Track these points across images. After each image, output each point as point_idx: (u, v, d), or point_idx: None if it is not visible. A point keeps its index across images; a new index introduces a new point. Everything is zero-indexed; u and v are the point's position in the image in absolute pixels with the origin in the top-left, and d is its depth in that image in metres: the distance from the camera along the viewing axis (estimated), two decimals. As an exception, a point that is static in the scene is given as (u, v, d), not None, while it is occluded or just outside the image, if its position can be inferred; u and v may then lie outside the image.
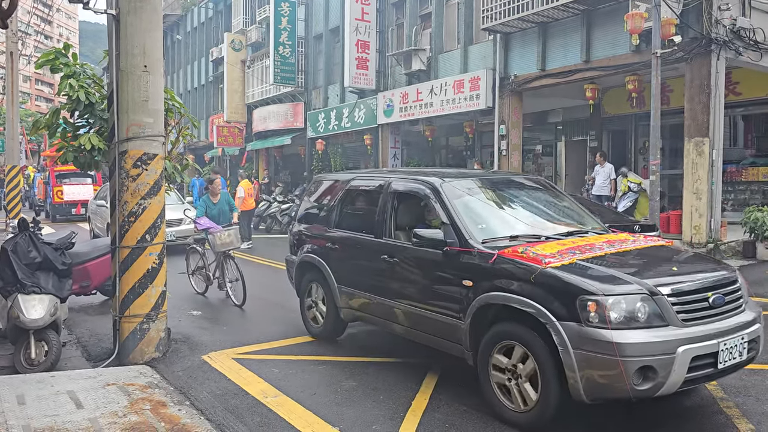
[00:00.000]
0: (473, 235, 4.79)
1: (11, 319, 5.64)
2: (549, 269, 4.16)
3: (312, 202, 7.13)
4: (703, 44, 11.22)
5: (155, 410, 4.55)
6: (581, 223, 5.50)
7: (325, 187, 6.97)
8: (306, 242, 6.82)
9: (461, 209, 5.06)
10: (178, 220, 13.34)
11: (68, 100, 6.49)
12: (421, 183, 5.54)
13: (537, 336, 4.13)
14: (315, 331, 6.66)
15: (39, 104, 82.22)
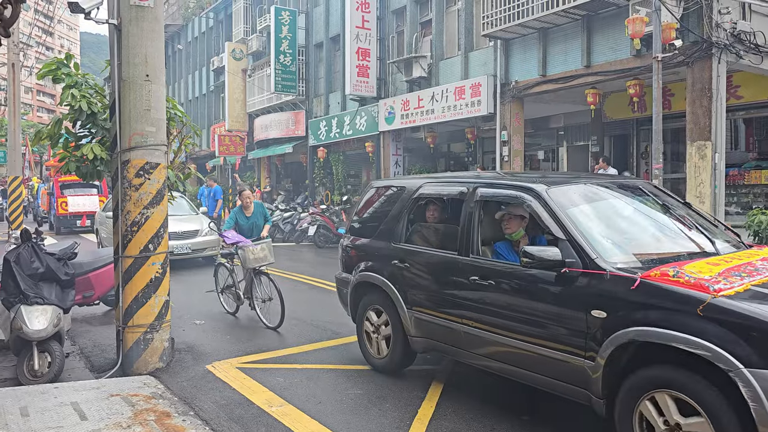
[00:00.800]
0: (601, 254, 3.92)
1: (14, 331, 5.61)
2: (722, 299, 3.30)
3: (368, 211, 6.24)
4: (703, 48, 11.22)
5: (160, 421, 4.51)
6: (712, 234, 4.59)
7: (385, 195, 6.09)
8: (363, 258, 5.93)
9: (580, 221, 4.18)
10: (194, 231, 12.81)
11: (70, 110, 6.49)
12: (518, 189, 4.60)
13: (710, 385, 3.26)
14: (377, 363, 5.72)
15: (41, 115, 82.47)
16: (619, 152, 16.35)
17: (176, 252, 12.26)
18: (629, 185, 5.05)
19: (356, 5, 19.26)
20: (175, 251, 12.15)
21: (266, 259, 7.78)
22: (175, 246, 12.22)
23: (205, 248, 12.82)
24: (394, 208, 5.76)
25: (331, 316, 8.18)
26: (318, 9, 23.36)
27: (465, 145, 19.60)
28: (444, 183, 5.52)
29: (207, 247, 12.83)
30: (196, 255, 12.70)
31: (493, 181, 5.00)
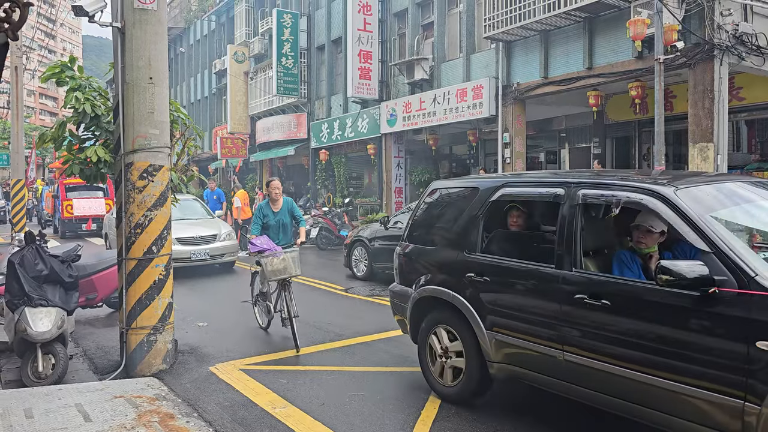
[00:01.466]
0: (761, 270, 3.22)
1: (18, 333, 5.63)
2: None
3: (429, 216, 5.47)
4: (705, 50, 11.23)
5: (163, 422, 4.53)
6: None
7: (452, 197, 5.33)
8: (427, 270, 5.21)
9: (725, 229, 3.50)
10: (212, 236, 12.19)
11: (74, 112, 6.52)
12: (636, 191, 3.83)
13: None
14: (445, 391, 4.96)
15: (43, 118, 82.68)
16: (621, 154, 16.36)
17: (194, 258, 11.72)
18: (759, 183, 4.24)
19: (358, 8, 19.30)
20: (192, 257, 11.68)
21: (286, 271, 6.63)
22: (193, 252, 11.73)
23: (224, 254, 12.24)
24: (465, 212, 4.95)
25: (333, 318, 8.21)
26: (320, 11, 23.41)
27: (467, 147, 19.61)
28: (532, 184, 4.83)
29: (226, 252, 12.26)
30: (215, 261, 12.12)
31: (598, 181, 4.24)
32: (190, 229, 12.08)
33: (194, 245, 11.83)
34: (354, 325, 7.80)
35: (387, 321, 8.03)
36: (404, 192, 20.11)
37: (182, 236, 11.67)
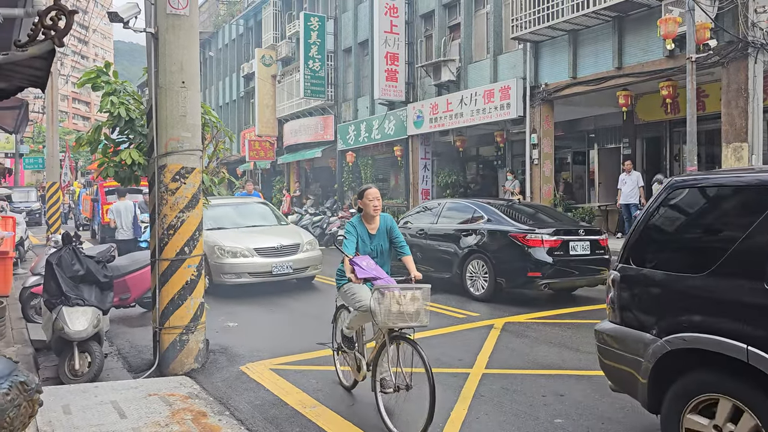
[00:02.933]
0: None
1: (56, 331, 5.77)
2: None
3: (686, 225, 3.87)
4: (739, 48, 11.03)
5: (196, 420, 4.60)
6: None
7: (723, 201, 3.66)
8: (685, 308, 3.49)
9: None
10: (293, 246, 10.45)
11: (109, 116, 6.66)
12: None
13: None
14: None
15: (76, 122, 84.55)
16: (652, 155, 16.12)
17: (275, 273, 10.05)
18: None
19: (384, 10, 19.36)
20: (273, 271, 10.03)
21: (416, 318, 4.43)
22: (274, 265, 10.05)
23: (308, 266, 10.51)
24: (757, 223, 3.21)
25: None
26: (347, 14, 23.54)
27: (494, 148, 19.53)
28: None
29: (309, 265, 10.55)
30: (298, 275, 10.40)
31: None
32: (267, 237, 10.57)
33: (275, 257, 10.15)
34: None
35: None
36: (431, 193, 20.10)
37: (261, 246, 10.16)
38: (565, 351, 6.47)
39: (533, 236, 8.68)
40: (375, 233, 5.15)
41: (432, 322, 7.91)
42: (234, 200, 12.70)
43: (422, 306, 4.45)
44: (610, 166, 17.00)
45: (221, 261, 9.88)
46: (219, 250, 9.92)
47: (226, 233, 10.57)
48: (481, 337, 7.00)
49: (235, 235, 10.52)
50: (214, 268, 9.89)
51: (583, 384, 5.38)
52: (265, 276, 10.05)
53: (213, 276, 9.87)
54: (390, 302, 4.37)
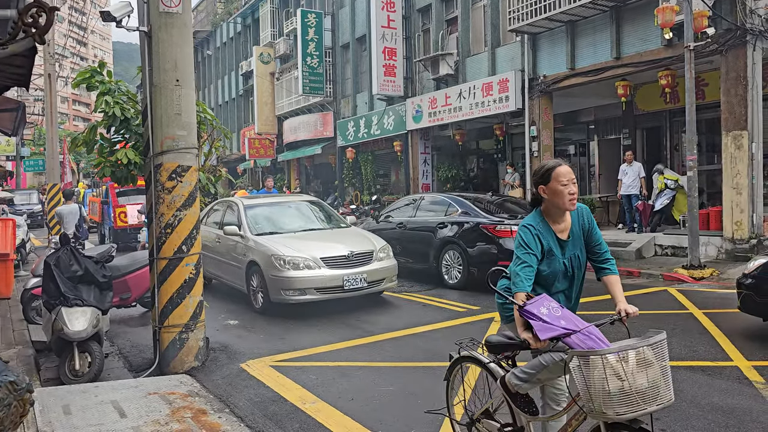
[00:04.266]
0: None
1: (55, 332, 5.78)
2: None
3: None
4: (737, 35, 10.96)
5: (196, 418, 4.61)
6: None
7: None
8: None
9: None
10: (367, 254, 8.57)
11: (104, 116, 6.66)
12: None
13: None
14: None
15: (77, 124, 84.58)
16: (652, 145, 16.06)
17: (347, 287, 8.17)
18: None
19: (381, 5, 19.30)
20: (346, 286, 8.16)
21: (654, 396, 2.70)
22: (346, 278, 8.17)
23: (383, 278, 8.62)
24: None
25: (362, 314, 8.23)
26: (344, 10, 23.48)
27: (494, 141, 19.47)
28: None
29: (385, 276, 8.66)
30: (373, 289, 8.54)
31: None
32: (332, 244, 8.76)
33: (346, 267, 8.28)
34: (382, 321, 7.83)
35: (415, 317, 8.04)
36: (431, 188, 20.07)
37: (328, 255, 8.30)
38: (566, 342, 6.45)
39: (502, 227, 9.42)
40: (567, 239, 3.24)
41: (432, 316, 7.98)
42: (275, 198, 11.14)
43: (660, 373, 2.75)
44: (611, 157, 16.94)
45: (281, 274, 8.05)
46: (278, 261, 8.13)
47: (282, 239, 8.73)
48: (482, 330, 6.99)
49: (293, 241, 8.68)
50: (272, 282, 8.17)
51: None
52: (335, 292, 8.16)
53: (270, 292, 8.24)
54: (605, 376, 2.61)
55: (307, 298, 8.11)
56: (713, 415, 4.38)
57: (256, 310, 8.57)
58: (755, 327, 6.56)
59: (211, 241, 9.90)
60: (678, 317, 7.45)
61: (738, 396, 4.74)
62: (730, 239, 11.23)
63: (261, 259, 8.38)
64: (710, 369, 5.42)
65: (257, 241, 8.72)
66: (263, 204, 10.05)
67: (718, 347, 6.09)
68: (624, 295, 3.13)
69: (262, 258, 8.37)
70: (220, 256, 9.68)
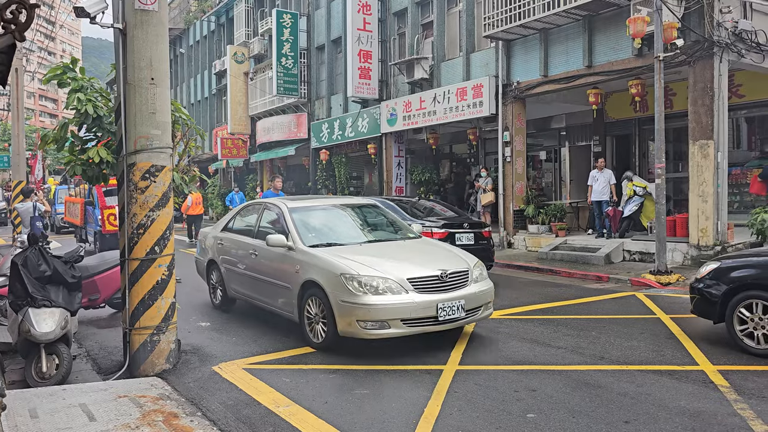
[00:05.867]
0: None
1: (22, 333, 5.65)
2: None
3: None
4: (705, 47, 11.25)
5: (167, 422, 4.55)
6: None
7: None
8: None
9: None
10: (462, 273, 6.61)
11: (76, 113, 6.53)
12: None
13: None
14: None
15: (43, 120, 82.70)
16: (622, 152, 16.38)
17: (442, 318, 6.22)
18: None
19: (357, 7, 19.32)
20: (440, 316, 6.19)
21: None
22: (441, 305, 6.21)
23: (481, 306, 6.70)
24: None
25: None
26: (319, 11, 23.43)
27: (467, 146, 19.64)
28: None
29: (483, 303, 6.74)
30: (471, 319, 6.59)
31: None
32: (418, 261, 6.78)
33: (440, 291, 6.34)
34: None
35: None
36: (405, 191, 20.14)
37: (416, 276, 6.34)
38: (537, 346, 6.55)
39: (423, 229, 9.43)
40: None
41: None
42: (325, 200, 8.84)
43: None
44: (581, 163, 17.23)
45: (356, 300, 6.07)
46: (350, 282, 6.15)
47: (348, 253, 6.74)
48: (453, 333, 7.04)
49: (364, 256, 6.69)
50: (342, 310, 6.17)
51: (555, 379, 5.44)
52: (426, 323, 6.20)
53: (339, 323, 6.21)
54: None
55: (390, 333, 6.07)
56: (680, 418, 4.49)
57: (314, 345, 6.60)
58: (720, 331, 6.73)
59: (240, 252, 8.17)
60: (646, 322, 7.60)
61: (704, 400, 4.87)
62: (696, 246, 11.50)
63: (324, 278, 6.38)
64: (677, 373, 5.55)
65: (316, 255, 6.70)
66: (312, 208, 8.04)
67: (685, 351, 6.24)
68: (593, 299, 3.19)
69: (325, 278, 6.38)
70: (257, 273, 7.68)
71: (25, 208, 12.92)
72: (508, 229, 15.57)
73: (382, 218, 8.46)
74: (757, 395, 4.92)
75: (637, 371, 5.65)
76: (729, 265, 6.43)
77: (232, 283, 8.36)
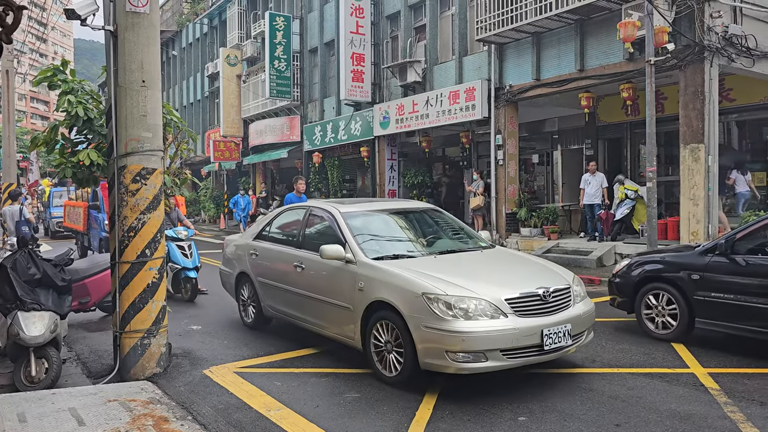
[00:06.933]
0: None
1: (11, 337, 5.60)
2: None
3: None
4: (696, 51, 11.32)
5: (158, 426, 4.52)
6: None
7: None
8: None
9: None
10: (563, 291, 5.57)
11: (67, 116, 6.51)
12: None
13: None
14: None
15: (34, 122, 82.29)
16: (613, 155, 16.44)
17: (548, 346, 5.18)
18: None
19: (350, 10, 19.33)
20: (546, 344, 5.16)
21: None
22: (547, 330, 5.18)
23: (584, 330, 5.66)
24: None
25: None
26: (312, 14, 23.43)
27: (460, 149, 19.66)
28: None
29: (587, 327, 5.71)
30: (575, 345, 5.52)
31: None
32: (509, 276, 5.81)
33: (544, 313, 5.31)
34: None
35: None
36: (397, 194, 20.15)
37: (514, 295, 5.27)
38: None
39: None
40: None
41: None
42: (380, 204, 7.55)
43: None
44: (573, 167, 17.28)
45: (446, 326, 4.97)
46: (437, 303, 5.07)
47: (425, 267, 5.67)
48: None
49: (446, 272, 5.57)
50: (428, 338, 5.07)
51: (547, 382, 5.45)
52: (530, 354, 5.15)
53: (422, 352, 5.12)
54: None
55: (486, 366, 5.01)
56: (671, 422, 4.50)
57: (386, 379, 5.47)
58: (709, 335, 6.76)
59: (280, 264, 7.11)
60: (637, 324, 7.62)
61: (695, 403, 4.88)
62: (687, 249, 11.56)
63: (400, 299, 5.29)
64: (668, 376, 5.56)
65: (386, 270, 5.64)
66: (368, 213, 6.92)
67: (675, 354, 6.26)
68: None
69: (402, 298, 5.29)
70: (303, 289, 6.61)
71: (12, 212, 12.72)
72: (501, 232, 15.59)
73: (446, 224, 7.27)
74: (747, 398, 4.94)
75: (628, 374, 5.66)
76: (639, 261, 7.28)
77: (270, 300, 7.29)
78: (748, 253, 6.20)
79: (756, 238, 6.28)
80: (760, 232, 6.30)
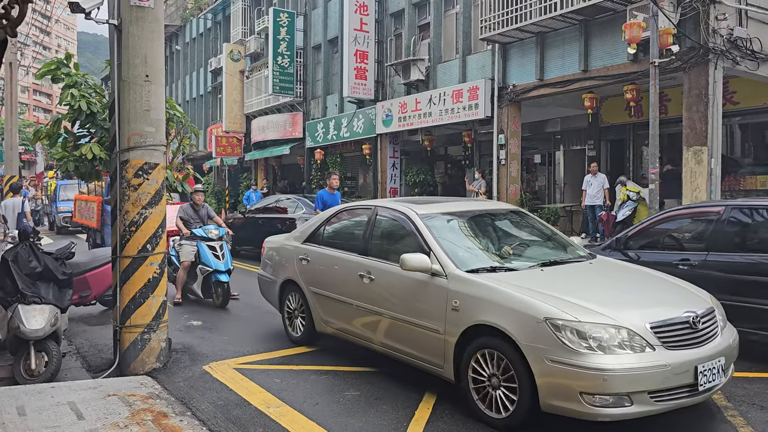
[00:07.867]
0: None
1: (11, 330, 5.60)
2: None
3: None
4: (700, 54, 11.30)
5: (157, 421, 4.52)
6: None
7: None
8: None
9: None
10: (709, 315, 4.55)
11: (70, 109, 6.50)
12: None
13: None
14: None
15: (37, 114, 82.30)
16: (616, 156, 16.42)
17: (703, 386, 4.18)
18: None
19: (355, 8, 19.31)
20: (701, 384, 4.17)
21: None
22: (702, 367, 4.17)
23: (729, 365, 4.61)
24: None
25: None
26: (316, 11, 23.41)
27: (462, 148, 19.65)
28: None
29: (733, 361, 4.69)
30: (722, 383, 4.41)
31: None
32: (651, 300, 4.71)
33: (695, 344, 4.28)
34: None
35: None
36: (399, 192, 20.14)
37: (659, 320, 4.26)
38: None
39: None
40: None
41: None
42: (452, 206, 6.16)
43: None
44: (575, 168, 17.27)
45: (579, 361, 3.98)
46: (564, 332, 4.07)
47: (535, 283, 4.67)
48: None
49: (565, 291, 4.53)
50: (555, 375, 4.07)
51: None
52: (680, 395, 4.16)
53: (545, 392, 4.13)
54: None
55: (630, 412, 4.02)
56: (671, 424, 4.49)
57: (493, 422, 4.44)
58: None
59: (340, 273, 6.10)
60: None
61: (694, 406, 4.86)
62: (688, 251, 11.54)
63: (513, 323, 4.29)
64: (668, 378, 5.54)
65: (488, 287, 4.61)
66: (449, 215, 5.83)
67: (676, 357, 6.25)
68: None
69: (515, 322, 4.29)
70: (373, 305, 5.59)
71: (14, 204, 12.68)
72: (502, 232, 15.56)
73: (536, 229, 6.13)
74: (747, 402, 4.93)
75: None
76: None
77: (326, 314, 6.28)
78: (639, 249, 6.89)
79: (646, 236, 7.07)
80: (648, 230, 7.08)
